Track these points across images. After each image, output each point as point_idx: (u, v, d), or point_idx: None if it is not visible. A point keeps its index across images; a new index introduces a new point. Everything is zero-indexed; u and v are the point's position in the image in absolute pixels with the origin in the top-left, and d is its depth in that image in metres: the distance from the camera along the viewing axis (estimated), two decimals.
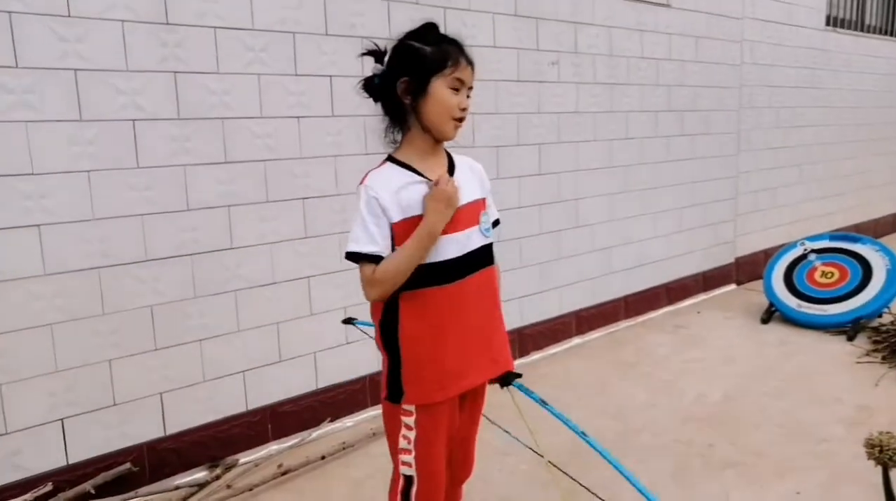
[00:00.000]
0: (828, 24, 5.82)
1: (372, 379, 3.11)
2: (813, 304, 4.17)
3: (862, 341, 3.88)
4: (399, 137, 1.69)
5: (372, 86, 1.65)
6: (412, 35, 1.62)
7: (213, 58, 2.50)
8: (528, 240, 3.67)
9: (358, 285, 1.59)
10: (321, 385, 2.94)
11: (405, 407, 1.65)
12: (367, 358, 3.08)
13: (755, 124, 5.14)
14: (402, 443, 1.71)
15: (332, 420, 2.96)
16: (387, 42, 1.66)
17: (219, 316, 2.62)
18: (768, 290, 4.36)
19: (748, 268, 5.20)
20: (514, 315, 3.66)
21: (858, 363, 3.59)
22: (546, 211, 3.73)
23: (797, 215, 5.72)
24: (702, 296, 4.85)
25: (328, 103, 2.83)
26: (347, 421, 3.02)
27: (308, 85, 2.77)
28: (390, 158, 1.66)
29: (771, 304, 4.31)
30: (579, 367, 3.66)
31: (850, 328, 3.97)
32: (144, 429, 2.49)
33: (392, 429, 1.72)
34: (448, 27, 3.13)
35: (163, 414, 2.53)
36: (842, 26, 6.06)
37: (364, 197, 1.55)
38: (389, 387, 1.66)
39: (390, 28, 2.97)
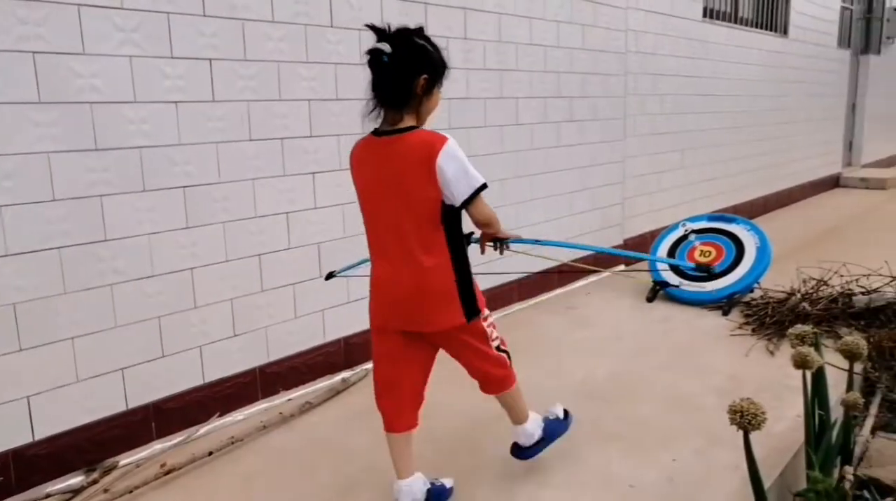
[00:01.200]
0: (705, 15, 6.12)
1: (262, 370, 3.04)
2: (693, 282, 4.40)
3: (736, 315, 4.13)
4: (377, 114, 2.08)
5: (381, 63, 1.95)
6: (424, 37, 2.00)
7: (77, 38, 2.35)
8: None
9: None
10: (208, 379, 2.85)
11: (483, 315, 2.22)
12: (256, 349, 3.01)
13: (640, 110, 5.35)
14: (494, 335, 2.33)
15: (221, 415, 2.88)
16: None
17: (92, 311, 2.48)
18: (653, 270, 4.57)
19: (636, 249, 5.43)
20: None
21: (732, 336, 3.82)
22: None
23: (680, 198, 6.02)
24: (592, 278, 5.02)
25: (209, 88, 2.73)
26: (238, 415, 2.94)
27: (186, 68, 2.65)
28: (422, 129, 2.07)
29: (655, 283, 4.52)
30: None
31: (725, 303, 4.23)
32: (9, 436, 2.34)
33: (482, 339, 2.27)
34: (333, 8, 3.10)
35: (31, 418, 2.38)
36: (718, 18, 6.39)
37: (457, 145, 2.01)
38: (467, 311, 2.12)
39: (273, 11, 2.88)
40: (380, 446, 2.69)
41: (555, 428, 2.51)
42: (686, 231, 4.72)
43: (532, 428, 2.43)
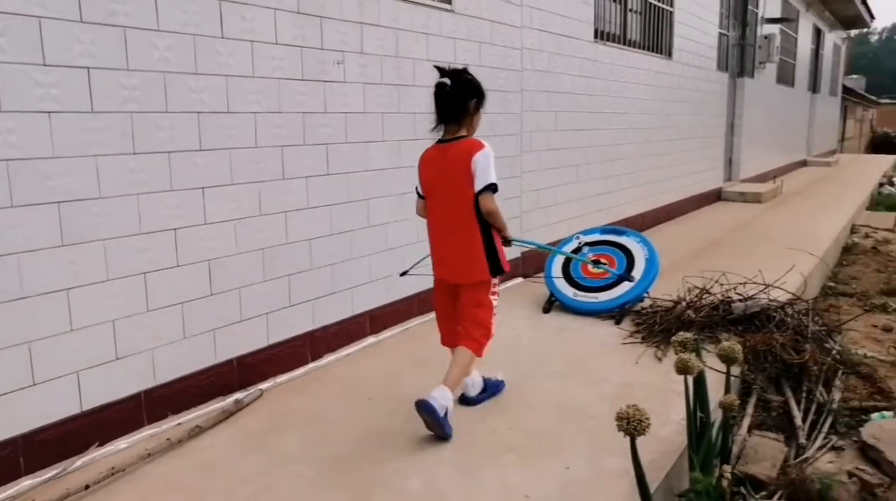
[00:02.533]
0: (596, 37, 6.39)
1: (148, 394, 2.89)
2: (587, 293, 4.55)
3: (627, 324, 4.30)
4: (440, 129, 2.92)
5: (444, 93, 2.84)
6: (470, 74, 2.93)
7: None
8: (319, 241, 3.63)
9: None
10: (87, 406, 2.68)
11: (495, 281, 2.96)
12: (141, 372, 2.87)
13: (536, 127, 5.50)
14: (495, 302, 3.03)
15: (100, 445, 2.71)
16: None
17: None
18: (549, 281, 4.69)
19: (533, 262, 5.56)
20: (306, 318, 3.60)
21: (623, 344, 3.97)
22: (336, 211, 3.71)
23: (575, 211, 6.22)
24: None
25: (86, 98, 2.58)
26: (120, 444, 2.78)
27: (60, 76, 2.50)
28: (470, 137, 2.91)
29: (551, 294, 4.64)
30: (373, 366, 3.68)
31: (617, 313, 4.39)
32: None
33: (487, 299, 2.97)
34: (225, 21, 3.02)
35: None
36: (608, 40, 6.68)
37: (491, 153, 2.81)
38: (492, 268, 2.90)
39: (158, 19, 2.77)
40: (275, 468, 2.63)
41: (496, 386, 3.27)
42: (580, 243, 4.88)
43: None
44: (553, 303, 4.63)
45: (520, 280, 5.43)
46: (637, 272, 4.55)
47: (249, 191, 3.24)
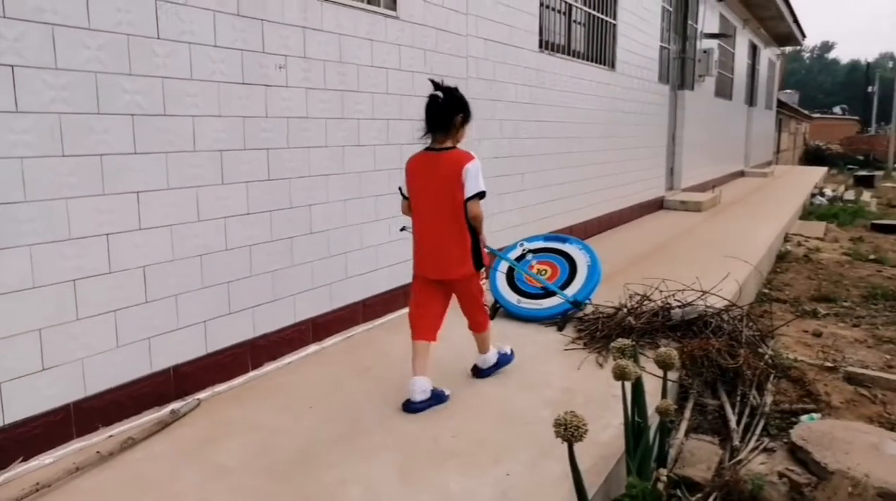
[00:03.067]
0: (541, 47, 6.48)
1: (77, 406, 2.79)
2: (530, 300, 4.59)
3: (570, 331, 4.35)
4: (428, 137, 3.19)
5: (437, 104, 3.12)
6: (460, 93, 3.22)
7: None
8: (259, 247, 3.57)
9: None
10: (9, 420, 2.56)
11: (482, 275, 3.32)
12: (70, 383, 2.76)
13: (482, 135, 5.54)
14: (485, 288, 3.41)
15: (24, 460, 2.60)
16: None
17: None
18: (493, 288, 4.71)
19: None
20: (246, 326, 3.53)
21: (566, 350, 4.02)
22: (277, 217, 3.66)
23: (520, 219, 6.27)
24: None
25: (10, 97, 2.48)
26: (46, 458, 2.67)
27: None
28: (458, 149, 3.19)
29: (496, 301, 4.67)
30: (315, 374, 3.63)
31: (559, 320, 4.44)
32: None
33: (477, 288, 3.35)
34: (161, 21, 2.95)
35: None
36: (553, 50, 6.78)
37: (479, 164, 3.12)
38: (475, 263, 3.24)
39: (90, 17, 2.69)
40: (212, 480, 2.56)
41: (505, 359, 3.66)
42: (524, 250, 4.92)
43: (490, 358, 3.56)
44: (497, 310, 4.66)
45: None
46: (579, 279, 4.61)
47: (187, 196, 3.16)
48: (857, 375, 4.25)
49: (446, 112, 3.11)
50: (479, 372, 3.57)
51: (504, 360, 3.65)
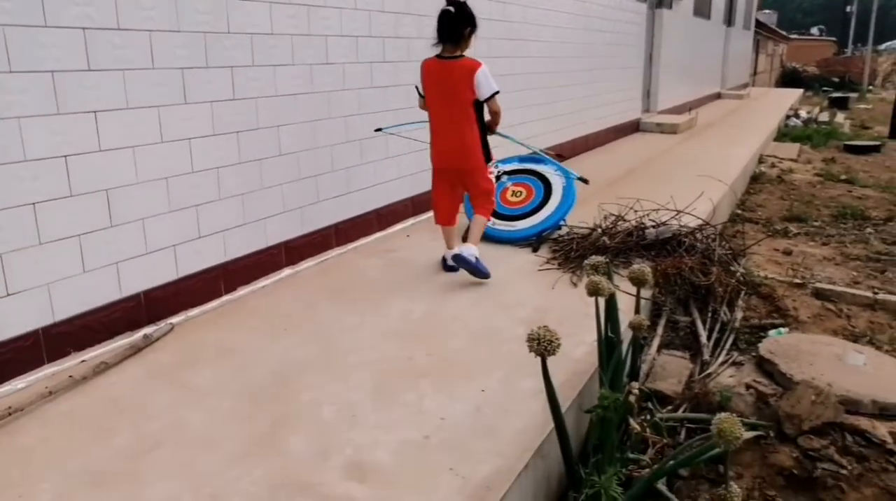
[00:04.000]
0: None
1: (46, 331, 2.75)
2: (505, 221, 4.57)
3: (544, 251, 4.35)
4: (439, 46, 3.68)
5: (449, 16, 3.57)
6: (469, 8, 3.62)
7: None
8: (227, 169, 3.47)
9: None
10: None
11: (490, 165, 3.92)
12: (37, 308, 2.71)
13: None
14: (492, 179, 4.01)
15: None
16: None
17: None
18: (468, 210, 4.66)
19: None
20: (217, 250, 3.48)
21: (540, 270, 4.03)
22: (245, 139, 3.55)
23: (494, 140, 6.16)
24: (411, 221, 5.06)
25: None
26: (18, 383, 2.64)
27: None
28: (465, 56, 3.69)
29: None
30: (289, 297, 3.61)
31: (534, 241, 4.44)
32: None
33: (486, 179, 3.92)
34: None
35: None
36: None
37: (488, 69, 3.64)
38: (485, 155, 3.84)
39: None
40: (186, 402, 2.56)
41: (482, 268, 3.76)
42: (498, 172, 4.86)
43: (474, 251, 3.78)
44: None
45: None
46: (554, 200, 4.59)
47: (148, 116, 3.04)
48: (825, 291, 4.34)
49: (458, 24, 3.57)
50: (457, 261, 3.76)
51: (481, 269, 3.75)
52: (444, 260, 3.97)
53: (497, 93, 3.67)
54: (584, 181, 4.49)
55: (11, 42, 2.50)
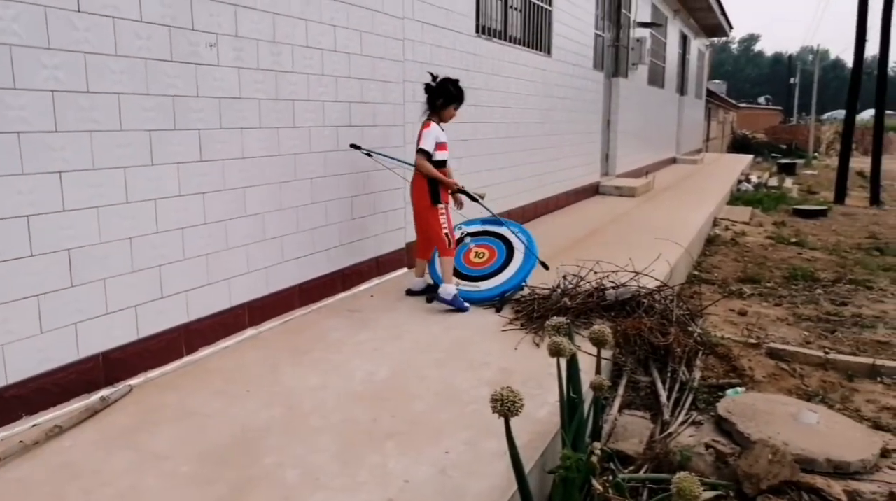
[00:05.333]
0: (478, 31, 6.49)
1: (31, 381, 2.67)
2: (469, 282, 4.63)
3: (507, 312, 4.41)
4: (426, 114, 4.50)
5: (429, 89, 4.45)
6: (451, 83, 4.47)
7: None
8: (192, 230, 3.48)
9: None
10: None
11: (440, 209, 4.44)
12: (26, 355, 2.64)
13: (418, 118, 5.51)
14: (443, 223, 4.45)
15: None
16: None
17: None
18: (433, 272, 4.73)
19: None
20: (180, 310, 3.45)
21: (503, 331, 4.07)
22: (211, 199, 3.57)
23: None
24: (376, 281, 5.09)
25: None
26: None
27: None
28: (431, 119, 4.47)
29: (435, 284, 4.68)
30: (252, 358, 3.58)
31: (497, 302, 4.49)
32: None
33: (435, 219, 4.44)
34: None
35: None
36: (490, 35, 6.81)
37: (432, 131, 4.38)
38: (431, 198, 4.42)
39: None
40: (143, 466, 2.51)
41: (460, 305, 4.43)
42: (462, 234, 4.95)
43: (450, 290, 4.41)
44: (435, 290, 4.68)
45: (405, 270, 5.44)
46: (516, 261, 4.67)
47: (114, 177, 3.05)
48: (779, 351, 4.46)
49: (431, 95, 4.43)
50: (438, 300, 4.46)
51: (459, 305, 4.41)
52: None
53: (421, 149, 4.36)
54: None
55: None
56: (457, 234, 4.97)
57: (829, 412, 3.50)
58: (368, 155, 4.67)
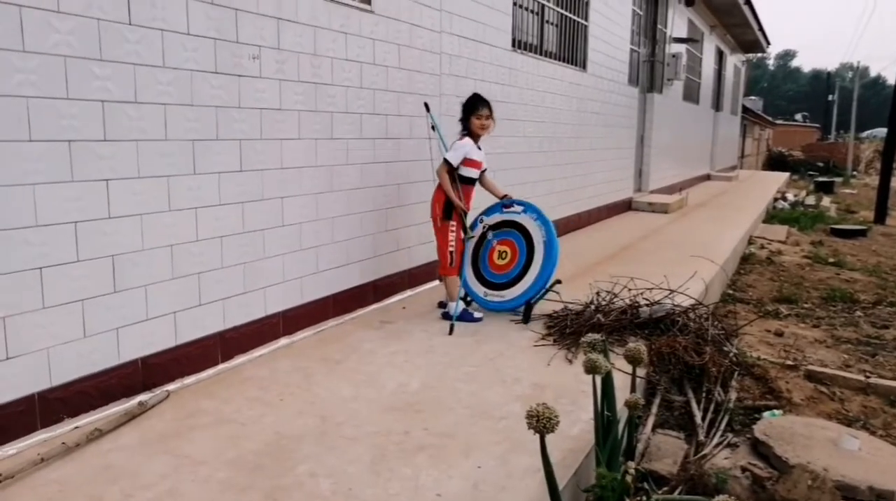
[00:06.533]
0: (514, 46, 6.51)
1: (42, 396, 2.73)
2: (495, 291, 4.64)
3: (539, 326, 4.38)
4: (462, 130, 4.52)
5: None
6: (469, 98, 4.53)
7: None
8: (230, 238, 3.53)
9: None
10: None
11: (450, 225, 4.41)
12: (35, 373, 2.71)
13: (454, 131, 5.54)
14: (451, 239, 4.42)
15: None
16: None
17: None
18: (463, 281, 4.73)
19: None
20: (217, 318, 3.50)
21: (536, 346, 4.05)
22: (249, 209, 3.62)
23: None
24: (408, 292, 5.10)
25: None
26: (9, 449, 2.61)
27: None
28: (465, 136, 4.48)
29: (466, 294, 4.69)
30: (286, 367, 3.61)
31: (523, 311, 4.49)
32: None
33: (443, 235, 4.44)
34: (133, 7, 2.91)
35: None
36: (526, 49, 6.83)
37: (463, 144, 4.40)
38: (443, 213, 4.39)
39: (59, 0, 2.64)
40: (181, 471, 2.54)
41: (467, 316, 4.46)
42: (484, 227, 4.81)
43: (453, 308, 4.40)
44: (469, 303, 4.68)
45: (436, 282, 5.45)
46: (537, 260, 4.56)
47: (157, 185, 3.12)
48: (817, 373, 4.37)
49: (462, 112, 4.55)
50: (444, 313, 4.52)
51: (466, 317, 4.45)
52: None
53: (445, 159, 4.38)
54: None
55: (33, 113, 2.60)
56: (479, 229, 4.86)
57: (871, 438, 3.41)
58: (433, 128, 4.62)
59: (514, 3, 6.49)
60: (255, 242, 3.68)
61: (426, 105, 4.67)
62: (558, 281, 4.61)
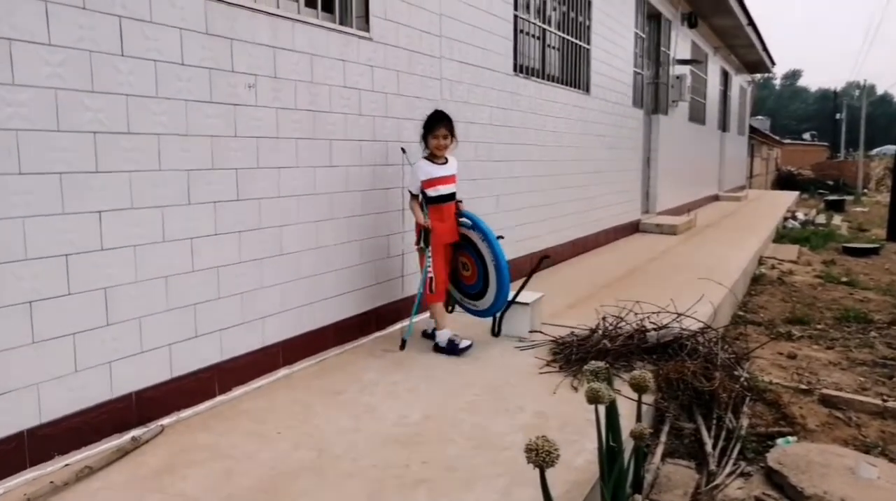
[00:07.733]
0: (516, 70, 6.50)
1: (31, 433, 2.67)
2: (468, 299, 4.65)
3: (544, 354, 4.29)
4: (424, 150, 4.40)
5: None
6: (429, 116, 4.39)
7: None
8: (227, 269, 3.48)
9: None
10: None
11: (427, 252, 4.29)
12: (23, 409, 2.65)
13: (455, 157, 5.50)
14: (427, 264, 4.28)
15: None
16: None
17: None
18: (466, 308, 4.66)
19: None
20: (213, 349, 3.44)
21: (541, 373, 3.96)
22: (247, 238, 3.58)
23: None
24: (408, 321, 5.01)
25: None
26: None
27: None
28: (423, 157, 4.37)
29: (450, 296, 4.68)
30: (285, 399, 3.53)
31: (494, 324, 4.63)
32: None
33: (422, 260, 4.34)
34: (125, 38, 2.90)
35: None
36: (528, 74, 6.82)
37: (416, 167, 4.32)
38: (421, 241, 4.30)
39: (50, 34, 2.63)
40: None
41: (453, 349, 4.28)
42: None
43: (440, 337, 4.34)
44: (454, 304, 4.75)
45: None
46: (491, 280, 4.41)
47: (151, 216, 3.08)
48: (832, 398, 4.25)
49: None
50: (433, 343, 4.41)
51: (452, 350, 4.27)
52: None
53: (410, 191, 4.40)
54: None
55: (23, 146, 2.57)
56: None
57: (891, 465, 3.29)
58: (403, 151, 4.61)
59: (516, 28, 6.50)
60: (252, 272, 3.63)
61: (402, 149, 4.65)
62: (546, 257, 4.92)
